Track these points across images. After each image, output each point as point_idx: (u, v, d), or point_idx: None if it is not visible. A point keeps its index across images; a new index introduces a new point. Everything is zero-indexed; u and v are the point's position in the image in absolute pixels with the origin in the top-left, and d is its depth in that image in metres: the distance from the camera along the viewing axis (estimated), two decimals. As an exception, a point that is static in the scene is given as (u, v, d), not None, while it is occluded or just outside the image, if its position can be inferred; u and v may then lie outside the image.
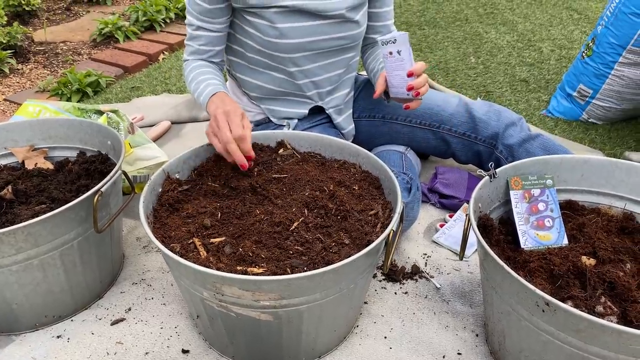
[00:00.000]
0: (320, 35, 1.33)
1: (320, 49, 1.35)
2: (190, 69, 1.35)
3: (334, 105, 1.50)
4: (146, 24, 2.96)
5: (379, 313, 1.19)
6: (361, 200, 1.13)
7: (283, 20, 1.29)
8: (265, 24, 1.30)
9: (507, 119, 1.49)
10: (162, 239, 1.02)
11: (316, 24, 1.31)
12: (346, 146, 1.26)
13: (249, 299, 0.92)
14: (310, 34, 1.32)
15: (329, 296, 0.96)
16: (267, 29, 1.30)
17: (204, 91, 1.27)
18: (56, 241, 1.07)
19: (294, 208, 1.09)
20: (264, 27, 1.30)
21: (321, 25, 1.32)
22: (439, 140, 1.54)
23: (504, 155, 1.47)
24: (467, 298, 1.23)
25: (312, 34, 1.32)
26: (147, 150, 1.57)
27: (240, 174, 1.20)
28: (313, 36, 1.33)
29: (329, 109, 1.50)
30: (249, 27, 1.32)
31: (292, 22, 1.30)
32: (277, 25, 1.29)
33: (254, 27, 1.31)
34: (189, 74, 1.35)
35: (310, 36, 1.32)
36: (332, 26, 1.33)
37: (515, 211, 1.14)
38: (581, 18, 2.99)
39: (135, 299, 1.23)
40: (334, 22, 1.33)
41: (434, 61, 2.48)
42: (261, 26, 1.30)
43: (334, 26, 1.34)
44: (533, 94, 2.18)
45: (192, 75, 1.34)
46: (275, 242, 1.02)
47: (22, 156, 1.35)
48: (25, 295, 1.10)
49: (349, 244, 1.02)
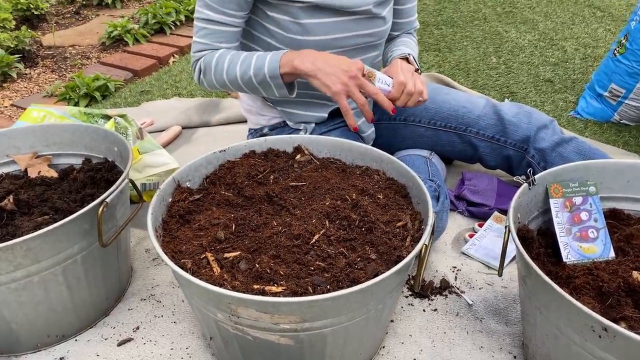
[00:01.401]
0: (346, 32, 1.25)
1: (344, 46, 1.27)
2: (218, 58, 1.22)
3: (354, 108, 1.41)
4: (156, 26, 2.89)
5: (406, 332, 1.09)
6: (387, 210, 1.04)
7: (308, 16, 1.20)
8: (288, 20, 1.21)
9: (538, 122, 1.39)
10: (172, 254, 0.94)
11: (342, 20, 1.23)
12: (368, 151, 1.17)
13: (267, 322, 0.83)
14: (336, 30, 1.24)
15: (355, 318, 0.87)
16: (290, 25, 1.21)
17: (264, 60, 1.17)
18: (58, 256, 0.99)
19: (314, 219, 1.00)
20: (286, 24, 1.22)
21: (347, 21, 1.24)
22: (466, 144, 1.44)
23: (535, 160, 1.37)
24: (502, 315, 1.13)
25: (338, 30, 1.24)
26: (156, 156, 1.49)
27: (255, 182, 1.11)
28: (338, 33, 1.24)
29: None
30: (270, 24, 1.24)
31: (317, 18, 1.21)
32: (301, 21, 1.20)
33: (276, 24, 1.23)
34: (220, 64, 1.22)
35: (335, 33, 1.24)
36: (358, 22, 1.25)
37: (556, 221, 1.05)
38: (604, 16, 2.88)
39: (143, 316, 1.15)
40: (361, 18, 1.25)
41: (454, 61, 2.38)
42: (284, 22, 1.22)
43: (360, 22, 1.25)
44: (559, 94, 2.08)
45: (226, 60, 1.21)
46: (295, 257, 0.93)
47: (25, 164, 1.28)
48: (25, 314, 1.02)
49: (376, 259, 0.93)
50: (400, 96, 1.17)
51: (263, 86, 1.21)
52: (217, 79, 1.24)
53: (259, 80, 1.19)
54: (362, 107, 1.15)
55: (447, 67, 2.32)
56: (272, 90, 1.21)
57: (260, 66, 1.18)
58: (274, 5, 1.21)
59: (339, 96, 1.13)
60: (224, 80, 1.24)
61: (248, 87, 1.23)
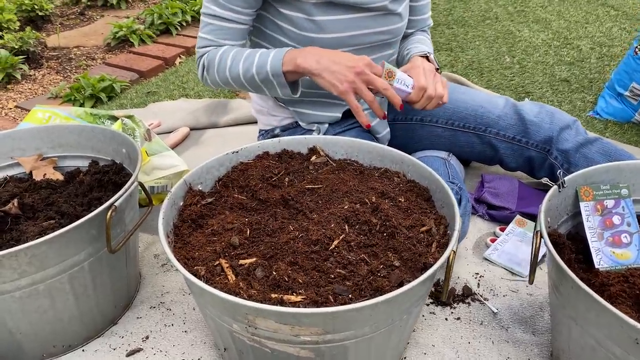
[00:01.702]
0: (362, 29, 1.20)
1: (360, 44, 1.22)
2: (221, 55, 1.17)
3: (368, 108, 1.36)
4: (162, 27, 2.85)
5: (428, 343, 1.04)
6: (409, 214, 0.99)
7: (321, 13, 1.16)
8: (301, 17, 1.16)
9: (561, 122, 1.34)
10: (185, 261, 0.89)
11: (357, 17, 1.18)
12: (388, 152, 1.12)
13: (287, 334, 0.78)
14: (351, 28, 1.19)
15: (379, 329, 0.82)
16: (304, 22, 1.17)
17: (267, 57, 1.13)
18: (64, 263, 0.94)
19: (332, 223, 0.95)
20: (299, 21, 1.17)
21: (362, 18, 1.19)
22: (485, 145, 1.39)
23: (558, 162, 1.32)
24: (528, 324, 1.08)
25: (353, 28, 1.19)
26: (165, 158, 1.44)
27: (269, 185, 1.07)
28: (353, 30, 1.19)
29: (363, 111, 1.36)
30: (282, 21, 1.19)
31: (331, 15, 1.16)
32: (315, 18, 1.16)
33: (288, 21, 1.18)
34: (223, 61, 1.17)
35: (350, 30, 1.19)
36: (374, 19, 1.20)
37: (587, 225, 0.99)
38: (618, 15, 2.82)
39: (153, 325, 1.10)
40: (376, 14, 1.20)
41: (466, 61, 2.33)
42: (297, 19, 1.17)
43: (376, 19, 1.21)
44: (576, 94, 2.02)
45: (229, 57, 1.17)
46: (314, 264, 0.88)
47: (30, 166, 1.23)
48: (30, 324, 0.97)
49: (400, 266, 0.88)
50: (419, 100, 1.12)
51: (266, 84, 1.16)
52: (220, 77, 1.20)
53: (261, 79, 1.14)
54: (371, 104, 1.10)
55: (460, 67, 2.27)
56: (275, 90, 1.16)
57: (263, 64, 1.13)
58: (286, 1, 1.16)
59: (346, 95, 1.08)
60: (227, 78, 1.19)
61: (251, 86, 1.18)
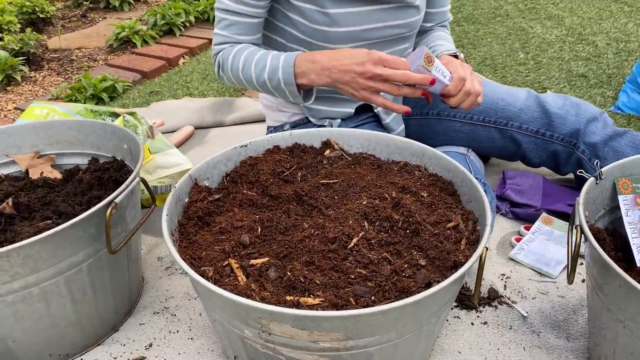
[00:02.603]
0: (377, 22, 1.13)
1: (374, 38, 1.15)
2: (234, 55, 1.12)
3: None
4: (165, 28, 2.79)
5: (454, 349, 0.96)
6: (433, 210, 0.91)
7: (335, 5, 1.09)
8: (313, 9, 1.09)
9: (587, 113, 1.26)
10: (191, 261, 0.82)
11: (372, 9, 1.11)
12: (407, 145, 1.05)
13: (304, 340, 0.71)
14: (366, 21, 1.12)
15: (405, 334, 0.74)
16: (316, 15, 1.10)
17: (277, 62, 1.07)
18: (61, 265, 0.87)
19: (350, 220, 0.88)
20: (311, 13, 1.10)
21: (377, 10, 1.12)
22: (507, 140, 1.31)
23: (586, 156, 1.24)
24: (561, 329, 1.00)
25: (368, 21, 1.12)
26: (168, 156, 1.37)
27: (281, 180, 0.99)
28: (368, 24, 1.12)
29: (377, 107, 1.29)
30: (293, 13, 1.12)
31: (345, 7, 1.09)
32: (328, 11, 1.09)
33: (300, 13, 1.11)
34: (235, 62, 1.12)
35: (365, 24, 1.12)
36: (389, 12, 1.13)
37: (627, 220, 0.92)
38: (632, 11, 2.75)
39: (157, 332, 1.03)
40: (391, 7, 1.13)
41: (479, 57, 2.26)
42: (308, 12, 1.10)
43: (391, 12, 1.14)
44: (595, 89, 1.95)
45: (241, 59, 1.11)
46: (331, 264, 0.81)
47: (26, 164, 1.17)
48: (24, 331, 0.90)
49: (426, 265, 0.80)
50: (457, 93, 1.05)
51: (278, 92, 1.11)
52: (235, 77, 1.15)
53: (274, 86, 1.10)
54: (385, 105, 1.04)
55: (472, 64, 2.19)
56: (287, 97, 1.11)
57: (275, 69, 1.07)
58: None
59: (368, 100, 1.04)
60: (241, 80, 1.14)
61: (265, 91, 1.14)
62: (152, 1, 3.44)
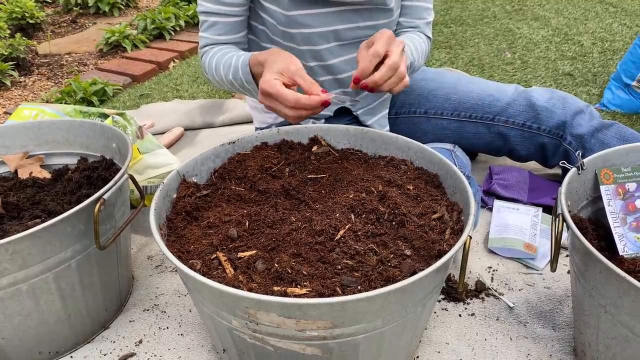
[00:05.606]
0: (345, 23, 1.13)
1: (348, 39, 1.15)
2: (210, 58, 1.14)
3: (365, 106, 1.29)
4: (155, 32, 2.80)
5: (442, 340, 0.97)
6: (419, 202, 0.93)
7: (294, 7, 1.09)
8: (278, 11, 1.10)
9: (574, 106, 1.28)
10: (179, 254, 0.83)
11: (338, 11, 1.11)
12: (393, 139, 1.06)
13: (291, 329, 0.71)
14: (332, 22, 1.12)
15: (391, 322, 0.75)
16: (280, 16, 1.10)
17: (237, 62, 1.05)
18: (50, 261, 0.87)
19: (337, 213, 0.89)
20: (276, 15, 1.10)
21: (345, 12, 1.12)
22: (494, 135, 1.33)
23: (573, 147, 1.26)
24: (548, 319, 1.01)
25: (335, 22, 1.12)
26: (158, 156, 1.38)
27: (269, 176, 1.00)
28: (335, 25, 1.12)
29: (357, 110, 1.29)
30: (264, 13, 1.13)
31: (304, 9, 1.09)
32: (288, 13, 1.09)
33: (268, 13, 1.12)
34: (211, 64, 1.13)
35: (331, 25, 1.12)
36: (359, 13, 1.14)
37: (609, 210, 0.93)
38: (617, 11, 2.79)
39: (147, 328, 1.03)
40: (362, 8, 1.13)
41: (467, 57, 2.28)
42: (275, 13, 1.10)
43: (361, 13, 1.14)
44: (581, 87, 1.97)
45: (214, 61, 1.12)
46: (319, 255, 0.82)
47: (15, 164, 1.17)
48: (12, 328, 0.90)
49: (412, 255, 0.81)
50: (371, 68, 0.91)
51: (246, 91, 1.10)
52: (215, 78, 1.15)
53: (240, 85, 1.09)
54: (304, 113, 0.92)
55: (460, 64, 2.22)
56: (256, 96, 1.08)
57: (236, 70, 1.06)
58: None
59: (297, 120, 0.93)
60: (217, 80, 1.14)
61: (236, 90, 1.13)
62: (142, 6, 3.45)
